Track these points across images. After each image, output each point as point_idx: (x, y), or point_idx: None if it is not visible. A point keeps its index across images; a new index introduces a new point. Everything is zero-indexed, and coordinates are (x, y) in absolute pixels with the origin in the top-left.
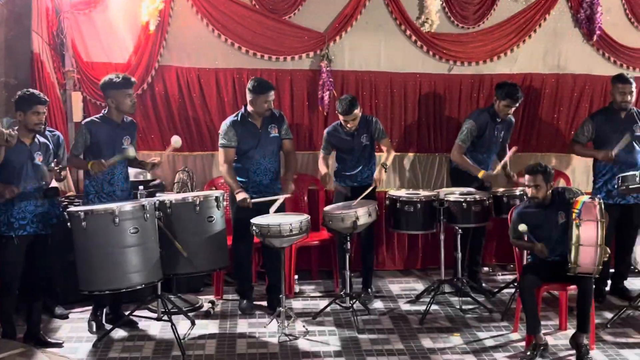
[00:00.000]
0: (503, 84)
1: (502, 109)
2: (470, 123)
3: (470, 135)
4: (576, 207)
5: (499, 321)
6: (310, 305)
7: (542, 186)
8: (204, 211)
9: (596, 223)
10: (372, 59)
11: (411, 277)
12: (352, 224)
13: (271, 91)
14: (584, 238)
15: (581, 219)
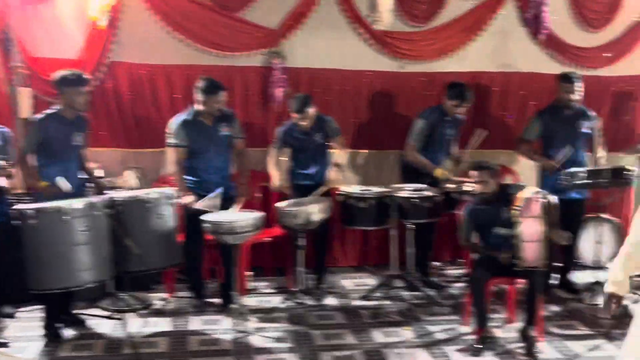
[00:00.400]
0: (453, 84)
1: (451, 109)
2: (421, 122)
3: (422, 134)
4: (517, 204)
5: (450, 315)
6: (264, 301)
7: (489, 182)
8: (155, 208)
9: (537, 219)
10: (324, 57)
11: (364, 273)
12: (305, 220)
13: (221, 92)
14: (526, 234)
15: (522, 216)
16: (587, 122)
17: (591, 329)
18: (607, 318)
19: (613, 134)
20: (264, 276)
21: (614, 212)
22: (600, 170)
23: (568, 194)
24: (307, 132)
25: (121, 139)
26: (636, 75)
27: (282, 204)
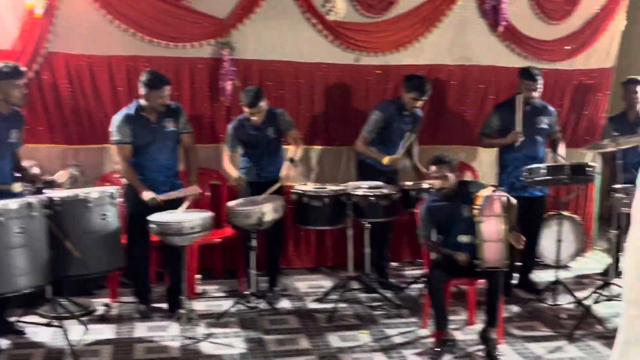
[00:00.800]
0: (412, 77)
1: (409, 102)
2: (376, 114)
3: (376, 127)
4: (477, 202)
5: (408, 317)
6: (214, 306)
7: (448, 177)
8: (97, 208)
9: (497, 218)
10: (276, 48)
11: (319, 274)
12: (257, 220)
13: (166, 86)
14: (487, 234)
15: (483, 216)
16: (546, 117)
17: (553, 330)
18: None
19: (573, 129)
20: (214, 279)
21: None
22: (560, 167)
23: (528, 191)
24: (258, 127)
25: (60, 135)
26: (597, 68)
27: (233, 203)
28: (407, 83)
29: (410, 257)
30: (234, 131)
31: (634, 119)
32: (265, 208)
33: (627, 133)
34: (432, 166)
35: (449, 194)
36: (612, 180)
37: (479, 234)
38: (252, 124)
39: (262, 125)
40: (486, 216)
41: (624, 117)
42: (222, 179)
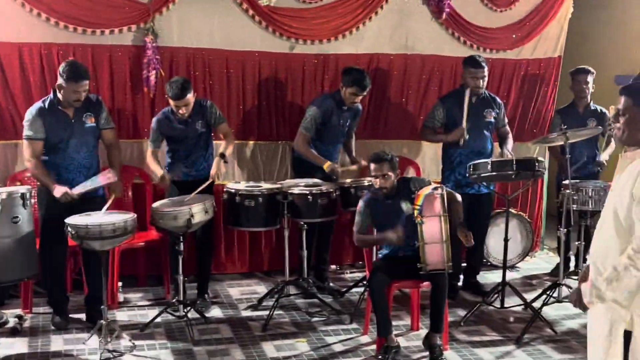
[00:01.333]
0: (350, 70)
1: (349, 97)
2: (313, 110)
3: (315, 123)
4: (417, 202)
5: (348, 323)
6: (138, 316)
7: (389, 175)
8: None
9: (439, 218)
10: (205, 35)
11: (253, 279)
12: (185, 222)
13: (84, 81)
14: (428, 236)
15: (423, 216)
16: (493, 109)
17: (500, 335)
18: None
19: (521, 122)
20: (138, 287)
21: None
22: (506, 162)
23: (475, 188)
24: (186, 120)
25: None
26: (545, 57)
27: (159, 204)
28: (345, 77)
29: (350, 259)
30: (159, 125)
31: (584, 110)
32: (194, 208)
33: (577, 126)
34: (371, 164)
35: (389, 193)
36: (561, 175)
37: (421, 236)
38: (179, 117)
39: (189, 118)
40: (427, 217)
41: (573, 109)
42: (145, 178)
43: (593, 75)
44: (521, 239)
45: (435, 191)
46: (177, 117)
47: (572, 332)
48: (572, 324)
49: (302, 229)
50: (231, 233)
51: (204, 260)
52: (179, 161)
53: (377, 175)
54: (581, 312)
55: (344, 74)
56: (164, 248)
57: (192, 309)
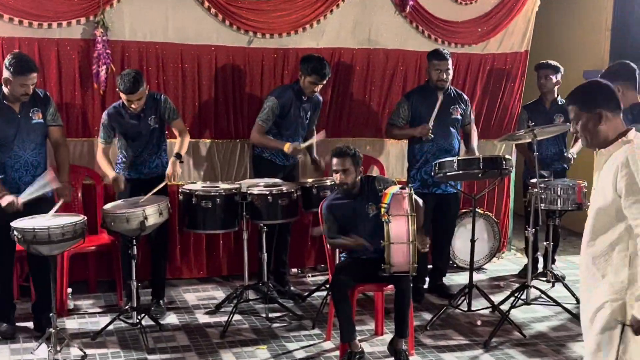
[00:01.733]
0: (309, 58)
1: (308, 86)
2: (272, 100)
3: (273, 114)
4: (384, 201)
5: (310, 329)
6: (89, 323)
7: (352, 171)
8: None
9: (406, 217)
10: (158, 28)
11: (210, 284)
12: (139, 224)
13: (32, 74)
14: (395, 235)
15: (390, 215)
16: (459, 106)
17: (467, 339)
18: None
19: (487, 119)
20: (88, 293)
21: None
22: (473, 160)
23: (441, 188)
24: (138, 115)
25: None
26: (512, 52)
27: (110, 206)
28: (304, 65)
29: (312, 262)
30: (110, 119)
31: (551, 106)
32: (147, 210)
33: (543, 122)
34: (333, 158)
35: (351, 191)
36: (529, 174)
37: (386, 236)
38: (131, 111)
39: (142, 113)
40: (394, 215)
41: (540, 105)
42: (96, 178)
43: (558, 71)
44: (488, 239)
45: (403, 190)
46: (129, 112)
47: (541, 336)
48: (541, 327)
49: (262, 231)
50: (187, 236)
51: (158, 265)
52: (132, 159)
53: (337, 170)
54: (550, 314)
55: (302, 63)
56: (116, 252)
57: (146, 316)
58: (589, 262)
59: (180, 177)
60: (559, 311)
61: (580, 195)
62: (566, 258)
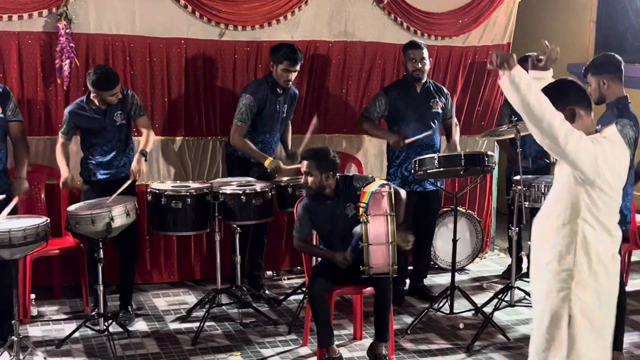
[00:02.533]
0: (278, 46)
1: (281, 75)
2: (247, 98)
3: (250, 113)
4: (363, 200)
5: (286, 334)
6: (54, 331)
7: (315, 175)
8: None
9: (385, 217)
10: (125, 21)
11: (181, 288)
12: (105, 226)
13: None
14: (373, 236)
15: (368, 214)
16: (439, 100)
17: (449, 342)
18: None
19: (469, 113)
20: (53, 299)
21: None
22: (454, 157)
23: (423, 185)
24: (103, 111)
25: None
26: (494, 45)
27: (75, 207)
28: (275, 54)
29: (287, 264)
30: (71, 117)
31: None
32: (114, 211)
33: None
34: (303, 160)
35: (322, 193)
36: (512, 170)
37: (364, 236)
38: (96, 107)
39: (107, 108)
40: (372, 215)
41: None
42: (60, 178)
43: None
44: (470, 239)
45: (382, 188)
46: (93, 108)
47: (525, 339)
48: (525, 330)
49: (235, 232)
50: (157, 238)
51: (126, 269)
52: (97, 157)
53: (304, 172)
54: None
55: (272, 52)
56: (82, 256)
57: (113, 323)
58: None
59: (149, 176)
60: None
61: None
62: None
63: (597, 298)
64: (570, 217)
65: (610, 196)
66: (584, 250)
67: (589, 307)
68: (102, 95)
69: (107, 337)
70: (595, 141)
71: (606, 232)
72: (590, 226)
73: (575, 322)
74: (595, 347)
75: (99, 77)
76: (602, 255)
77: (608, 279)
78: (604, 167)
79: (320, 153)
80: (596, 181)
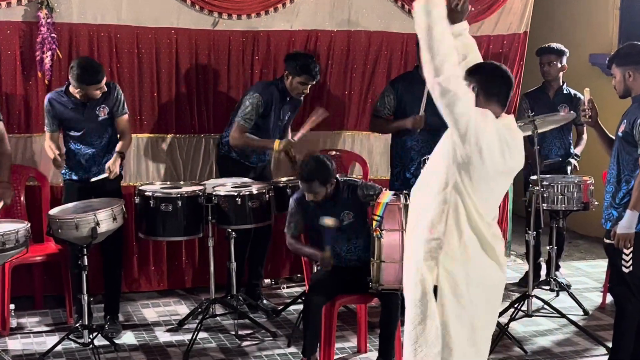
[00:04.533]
0: (296, 55)
1: (296, 87)
2: (256, 97)
3: (256, 113)
4: (377, 212)
5: (285, 347)
6: (34, 344)
7: (320, 191)
8: None
9: (400, 233)
10: (110, 9)
11: (172, 298)
12: (90, 231)
13: None
14: (387, 253)
15: (383, 230)
16: None
17: None
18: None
19: None
20: (34, 309)
21: None
22: None
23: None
24: (83, 104)
25: None
26: (509, 34)
27: (57, 210)
28: (291, 64)
29: (287, 272)
30: (51, 105)
31: (555, 95)
32: (99, 215)
33: (546, 112)
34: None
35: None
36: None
37: (377, 253)
38: (74, 99)
39: (87, 101)
40: (387, 231)
41: (543, 93)
42: (41, 179)
43: (563, 54)
44: None
45: (397, 199)
46: (72, 99)
47: (543, 351)
48: (543, 342)
49: (230, 237)
50: (145, 244)
51: (112, 277)
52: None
53: (308, 192)
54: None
55: (288, 61)
56: (65, 263)
57: (99, 335)
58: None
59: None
60: (564, 323)
61: (586, 193)
62: (571, 264)
63: (465, 273)
64: (444, 185)
65: (482, 176)
66: (455, 220)
67: (456, 281)
68: (86, 90)
69: (92, 350)
70: (480, 111)
71: (477, 212)
72: (463, 200)
73: (443, 294)
74: (462, 327)
75: (83, 70)
76: (476, 229)
77: (481, 257)
78: (480, 137)
79: (320, 169)
80: (467, 145)
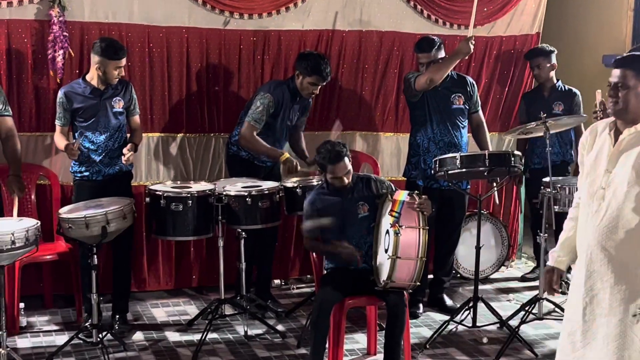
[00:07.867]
0: (307, 55)
1: (307, 87)
2: (267, 97)
3: (267, 114)
4: (394, 209)
5: (295, 348)
6: (44, 342)
7: (350, 170)
8: None
9: (418, 230)
10: (122, 8)
11: (181, 297)
12: (100, 230)
13: None
14: (403, 250)
15: (400, 226)
16: (462, 91)
17: (472, 358)
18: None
19: (494, 109)
20: (43, 308)
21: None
22: (477, 156)
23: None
24: (100, 92)
25: None
26: (522, 35)
27: (67, 209)
28: (302, 64)
29: (297, 272)
30: (66, 97)
31: (549, 93)
32: (110, 214)
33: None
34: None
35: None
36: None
37: (393, 249)
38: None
39: (105, 90)
40: (405, 227)
41: (538, 93)
42: (52, 178)
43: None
44: (496, 246)
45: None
46: (89, 86)
47: (554, 354)
48: (554, 345)
49: (240, 237)
50: (155, 243)
51: (122, 276)
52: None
53: (340, 177)
54: None
55: (299, 61)
56: (75, 262)
57: (108, 334)
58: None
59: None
60: None
61: None
62: None
63: None
64: None
65: None
66: None
67: None
68: (107, 66)
69: (101, 349)
70: None
71: None
72: None
73: None
74: None
75: (107, 44)
76: None
77: None
78: None
79: (340, 145)
80: None
